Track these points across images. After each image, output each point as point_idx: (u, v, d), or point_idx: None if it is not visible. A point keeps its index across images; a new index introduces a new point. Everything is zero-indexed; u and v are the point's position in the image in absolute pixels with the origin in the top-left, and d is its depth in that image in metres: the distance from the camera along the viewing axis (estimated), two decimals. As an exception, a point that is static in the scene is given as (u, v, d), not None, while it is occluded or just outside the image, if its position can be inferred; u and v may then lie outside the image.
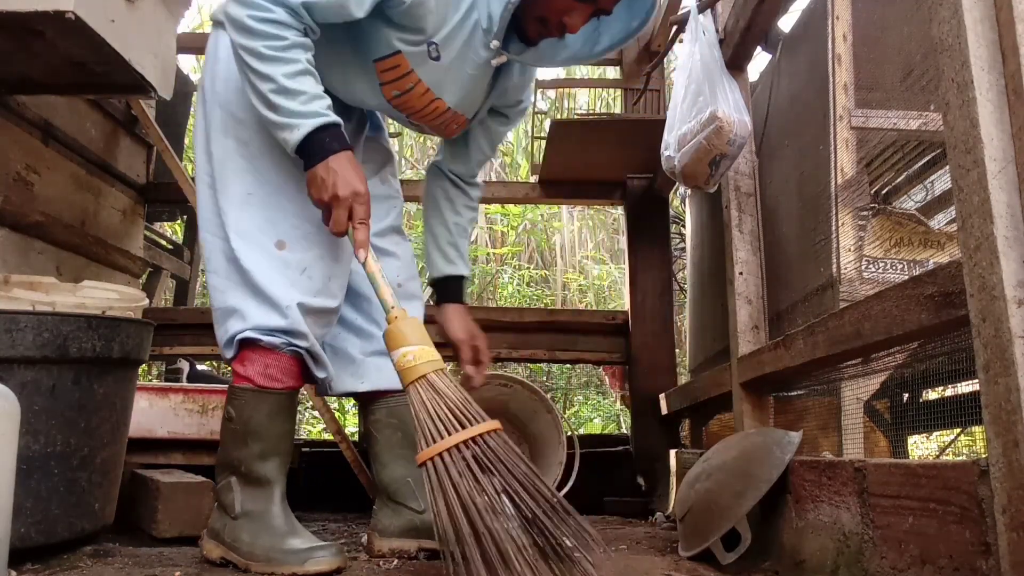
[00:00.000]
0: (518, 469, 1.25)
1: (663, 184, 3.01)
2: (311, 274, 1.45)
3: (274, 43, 1.32)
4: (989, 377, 0.87)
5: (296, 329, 1.43)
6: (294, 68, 1.33)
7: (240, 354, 1.45)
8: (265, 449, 1.44)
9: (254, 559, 1.38)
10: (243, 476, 1.45)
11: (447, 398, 1.30)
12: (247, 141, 1.46)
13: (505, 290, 6.50)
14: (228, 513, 1.44)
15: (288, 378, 1.46)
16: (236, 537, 1.42)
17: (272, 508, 1.44)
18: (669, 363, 3.00)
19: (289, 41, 1.33)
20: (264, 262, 1.42)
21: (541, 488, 1.24)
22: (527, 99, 1.70)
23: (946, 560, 0.95)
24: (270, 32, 1.32)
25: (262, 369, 1.44)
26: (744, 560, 1.42)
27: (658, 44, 3.24)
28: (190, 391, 2.32)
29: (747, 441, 1.63)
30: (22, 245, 2.36)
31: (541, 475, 1.27)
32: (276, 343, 1.43)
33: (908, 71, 1.69)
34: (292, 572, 1.34)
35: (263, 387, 1.44)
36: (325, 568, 1.35)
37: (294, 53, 1.34)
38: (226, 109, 1.48)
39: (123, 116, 3.01)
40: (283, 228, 1.45)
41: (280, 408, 1.46)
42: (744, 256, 1.98)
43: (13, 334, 1.44)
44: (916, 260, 1.86)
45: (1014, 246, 0.85)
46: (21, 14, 1.75)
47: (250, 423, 1.44)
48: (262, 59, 1.32)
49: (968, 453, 2.49)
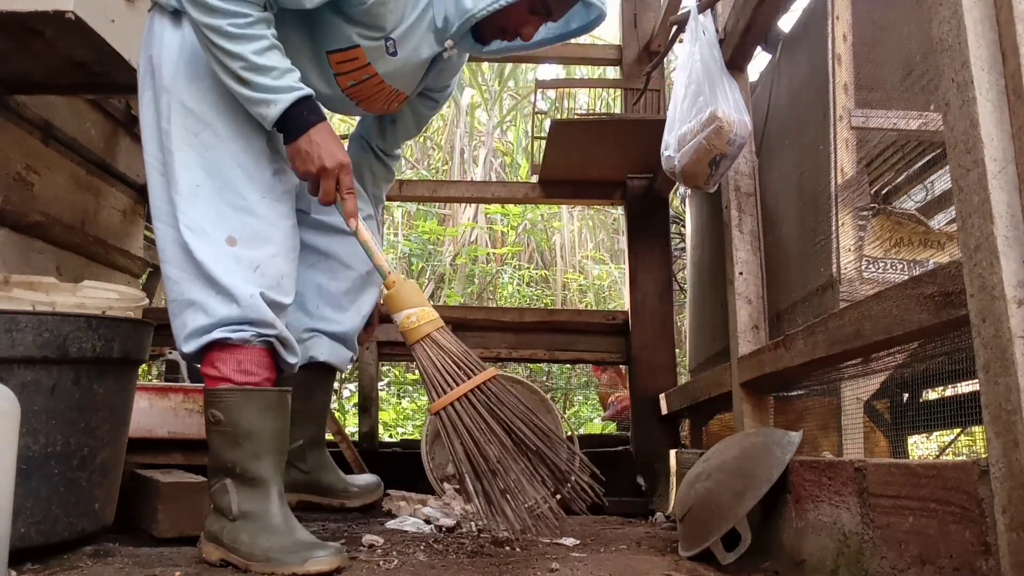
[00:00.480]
0: (518, 409, 1.44)
1: (663, 184, 3.01)
2: (263, 271, 1.43)
3: (238, 20, 1.32)
4: (989, 377, 0.87)
5: (262, 319, 1.42)
6: (261, 44, 1.34)
7: (208, 356, 1.44)
8: (258, 448, 1.43)
9: (254, 559, 1.37)
10: (238, 477, 1.44)
11: (450, 353, 1.43)
12: (197, 132, 1.43)
13: (505, 290, 6.50)
14: (225, 515, 1.44)
15: (263, 370, 1.45)
16: (235, 538, 1.41)
17: (270, 508, 1.43)
18: (669, 363, 3.00)
19: (253, 17, 1.34)
20: (217, 255, 1.40)
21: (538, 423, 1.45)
22: (453, 84, 1.81)
23: (946, 560, 0.95)
24: (232, 9, 1.32)
25: (236, 366, 1.43)
26: (744, 560, 1.42)
27: (658, 44, 3.25)
28: (190, 391, 2.31)
29: (747, 441, 1.63)
30: (22, 245, 2.35)
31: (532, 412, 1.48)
32: (246, 337, 1.42)
33: (908, 71, 1.69)
34: (292, 572, 1.34)
35: (243, 384, 1.43)
36: (325, 568, 1.34)
37: (258, 29, 1.35)
38: (175, 97, 1.44)
39: (123, 116, 3.01)
40: (233, 224, 1.42)
41: (269, 405, 1.45)
42: (744, 256, 1.98)
43: (13, 334, 1.44)
44: (916, 260, 1.86)
45: (1014, 246, 0.85)
46: (21, 14, 1.75)
47: (240, 423, 1.42)
48: (228, 37, 1.32)
49: (968, 453, 2.49)
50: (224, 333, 1.41)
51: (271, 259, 1.44)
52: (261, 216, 1.44)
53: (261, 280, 1.42)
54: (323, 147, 1.38)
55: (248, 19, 1.33)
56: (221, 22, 1.32)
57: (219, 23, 1.32)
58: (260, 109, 1.37)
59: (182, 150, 1.43)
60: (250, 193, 1.43)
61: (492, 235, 7.11)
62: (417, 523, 1.98)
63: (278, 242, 1.45)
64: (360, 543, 1.70)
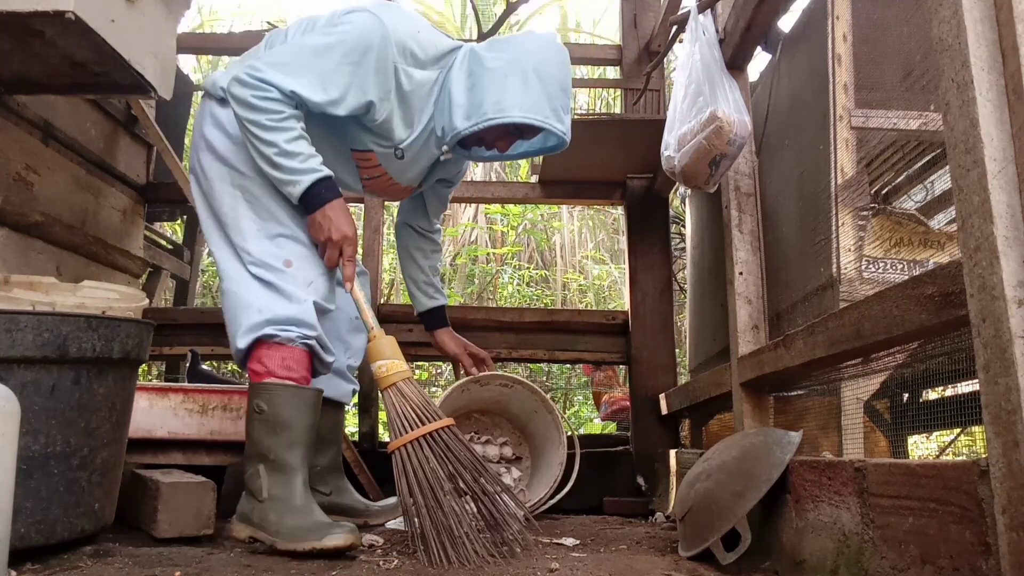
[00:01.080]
0: (465, 456, 1.62)
1: (663, 184, 3.01)
2: (316, 286, 1.71)
3: (274, 116, 1.62)
4: (989, 377, 0.87)
5: (308, 320, 1.66)
6: (291, 135, 1.64)
7: (255, 353, 1.67)
8: (292, 439, 1.65)
9: (280, 536, 1.58)
10: (271, 464, 1.65)
11: (412, 401, 1.65)
12: (247, 188, 1.74)
13: (505, 290, 6.50)
14: (256, 497, 1.64)
15: (302, 368, 1.68)
16: (264, 518, 1.62)
17: (295, 492, 1.64)
18: (669, 363, 3.00)
19: (286, 114, 1.63)
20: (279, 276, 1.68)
21: (483, 471, 1.63)
22: (463, 170, 2.17)
23: (946, 560, 0.95)
24: (270, 108, 1.62)
25: (280, 362, 1.66)
26: (744, 560, 1.42)
27: (658, 44, 3.25)
28: (190, 391, 2.32)
29: (747, 441, 1.63)
30: (22, 245, 2.36)
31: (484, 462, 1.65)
32: (291, 336, 1.65)
33: (908, 71, 1.69)
34: (311, 547, 1.54)
35: (285, 378, 1.65)
36: (341, 543, 1.54)
37: (290, 123, 1.64)
38: (228, 165, 1.75)
39: (123, 116, 3.01)
40: (289, 251, 1.71)
41: (306, 402, 1.68)
42: (744, 256, 1.98)
43: (13, 334, 1.44)
44: (916, 260, 1.86)
45: (1014, 246, 0.85)
46: (21, 14, 1.75)
47: (280, 414, 1.65)
48: (265, 129, 1.62)
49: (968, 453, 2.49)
50: (273, 330, 1.64)
51: (320, 277, 1.73)
52: (308, 244, 1.73)
53: (314, 292, 1.70)
54: (333, 221, 1.68)
55: (282, 115, 1.62)
56: (260, 117, 1.62)
57: (259, 118, 1.62)
58: (287, 188, 1.66)
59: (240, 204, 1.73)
60: (295, 228, 1.72)
61: (492, 235, 7.12)
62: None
63: (323, 266, 1.74)
64: (360, 543, 1.70)
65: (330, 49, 1.65)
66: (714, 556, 1.45)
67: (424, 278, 2.16)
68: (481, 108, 1.69)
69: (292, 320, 1.65)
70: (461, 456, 1.62)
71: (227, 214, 1.74)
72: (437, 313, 2.18)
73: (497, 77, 1.69)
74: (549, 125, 1.70)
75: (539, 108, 1.69)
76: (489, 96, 1.68)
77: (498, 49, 1.74)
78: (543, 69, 1.70)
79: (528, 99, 1.68)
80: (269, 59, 1.66)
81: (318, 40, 1.67)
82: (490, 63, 1.71)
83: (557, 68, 1.73)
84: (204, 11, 8.33)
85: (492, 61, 1.71)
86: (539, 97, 1.69)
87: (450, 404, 2.28)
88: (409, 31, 1.71)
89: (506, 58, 1.71)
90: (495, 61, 1.71)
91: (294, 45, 1.70)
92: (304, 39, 1.71)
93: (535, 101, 1.69)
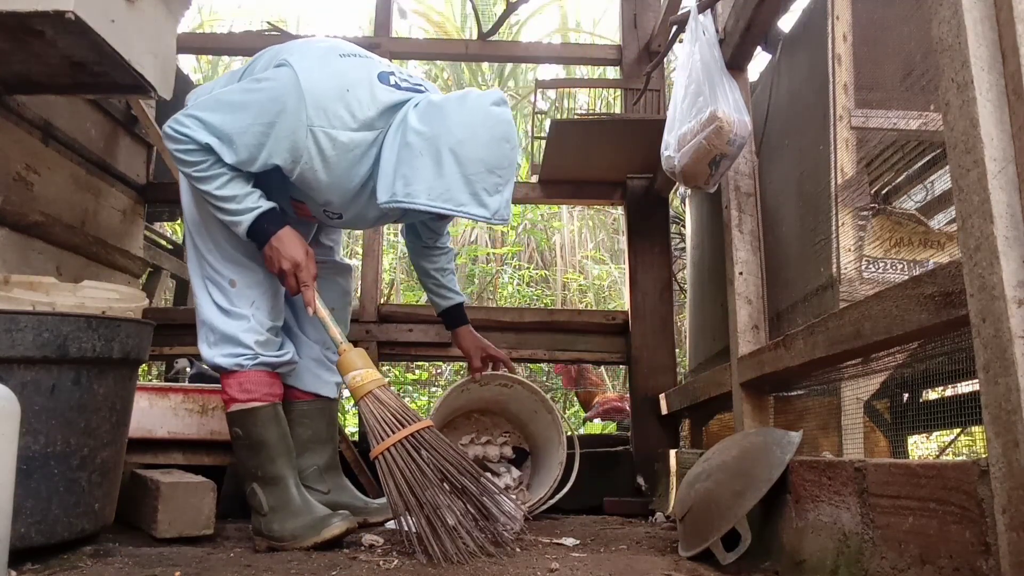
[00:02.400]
0: (449, 453, 1.66)
1: (663, 184, 3.01)
2: (259, 304, 1.81)
3: (200, 167, 1.67)
4: (989, 377, 0.87)
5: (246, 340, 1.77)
6: (221, 181, 1.68)
7: (222, 379, 1.81)
8: (271, 453, 1.78)
9: (285, 540, 1.71)
10: (261, 480, 1.78)
11: (388, 406, 1.69)
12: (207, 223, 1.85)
13: (505, 290, 6.50)
14: (260, 512, 1.77)
15: (261, 385, 1.80)
16: (271, 528, 1.74)
17: (291, 497, 1.76)
18: (669, 363, 3.00)
19: (210, 161, 1.67)
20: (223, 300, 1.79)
21: (467, 466, 1.67)
22: None
23: (946, 560, 0.95)
24: (195, 160, 1.67)
25: (238, 388, 1.78)
26: (744, 560, 1.42)
27: (658, 44, 3.25)
28: (190, 391, 2.32)
29: (747, 441, 1.63)
30: (22, 245, 2.36)
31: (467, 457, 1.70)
32: (239, 362, 1.78)
33: (908, 71, 1.69)
34: (313, 542, 1.67)
35: (246, 401, 1.78)
36: (337, 532, 1.68)
37: (216, 169, 1.67)
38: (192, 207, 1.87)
39: (123, 116, 3.01)
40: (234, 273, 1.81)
41: (268, 418, 1.80)
42: (744, 256, 1.98)
43: (13, 334, 1.44)
44: (916, 260, 1.86)
45: (1014, 246, 0.85)
46: (21, 14, 1.75)
47: (252, 435, 1.78)
48: (197, 180, 1.69)
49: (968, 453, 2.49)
50: (222, 360, 1.78)
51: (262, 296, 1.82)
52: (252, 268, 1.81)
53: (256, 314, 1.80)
54: (282, 251, 1.71)
55: (206, 163, 1.67)
56: (189, 170, 1.69)
57: (188, 171, 1.69)
58: (234, 228, 1.73)
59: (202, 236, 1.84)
60: (243, 257, 1.81)
61: (492, 235, 7.12)
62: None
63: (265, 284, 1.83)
64: (360, 543, 1.71)
65: (245, 107, 1.65)
66: (714, 556, 1.45)
67: (434, 282, 2.18)
68: (393, 188, 1.63)
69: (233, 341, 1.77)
70: (446, 454, 1.64)
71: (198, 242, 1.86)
72: (453, 312, 2.19)
73: (412, 156, 1.61)
74: (461, 213, 1.61)
75: (450, 195, 1.59)
76: (400, 176, 1.62)
77: (425, 120, 1.63)
78: (462, 150, 1.59)
79: (439, 185, 1.59)
80: (193, 110, 1.68)
81: (235, 97, 1.67)
82: (411, 136, 1.62)
83: (484, 147, 1.61)
84: (204, 11, 8.35)
85: (412, 135, 1.62)
86: (453, 181, 1.59)
87: (449, 404, 2.28)
88: (335, 92, 1.63)
89: (428, 133, 1.61)
90: (415, 136, 1.62)
91: (217, 96, 1.70)
92: (226, 91, 1.71)
93: (447, 187, 1.59)
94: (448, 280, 2.19)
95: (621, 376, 6.02)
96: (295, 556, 1.60)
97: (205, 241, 1.82)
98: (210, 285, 1.81)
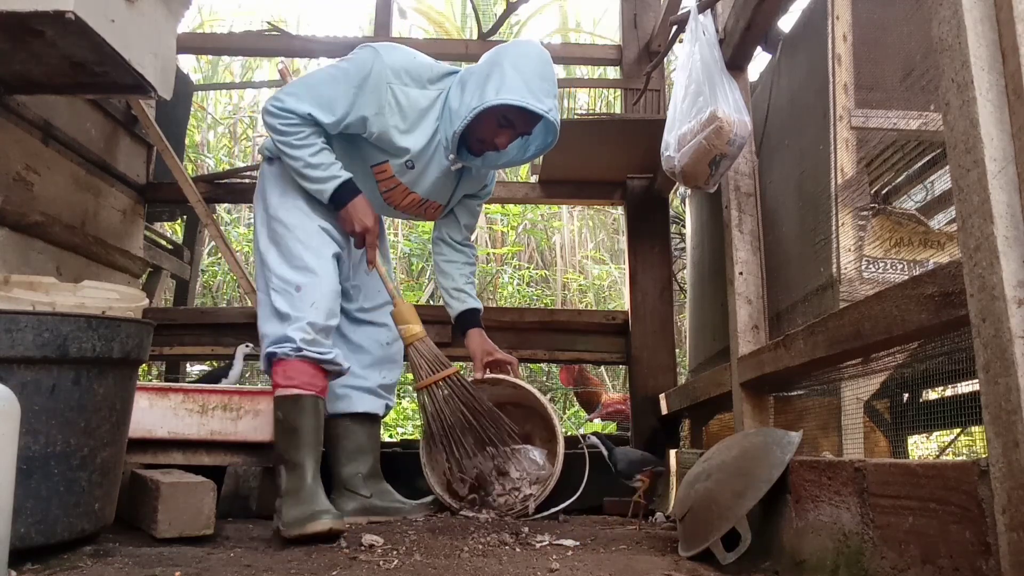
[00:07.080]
0: (465, 395, 2.14)
1: (663, 184, 3.01)
2: (318, 305, 2.00)
3: (298, 136, 1.99)
4: (989, 377, 0.87)
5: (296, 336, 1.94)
6: (314, 149, 2.00)
7: (272, 367, 1.99)
8: (299, 440, 1.94)
9: (285, 525, 1.81)
10: (286, 463, 1.94)
11: (426, 355, 2.16)
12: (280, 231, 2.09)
13: (505, 290, 6.50)
14: (279, 494, 1.91)
15: (304, 375, 1.96)
16: (281, 511, 1.86)
17: (305, 485, 1.88)
18: (669, 363, 3.00)
19: (307, 132, 1.99)
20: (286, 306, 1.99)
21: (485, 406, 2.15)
22: (490, 183, 2.39)
23: (946, 560, 0.95)
24: (294, 130, 1.99)
25: (283, 375, 1.96)
26: (744, 560, 1.42)
27: (658, 44, 3.25)
28: (190, 391, 2.32)
29: (747, 441, 1.63)
30: (22, 245, 2.36)
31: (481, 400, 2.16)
32: (286, 351, 1.95)
33: (908, 71, 1.69)
34: (298, 533, 1.75)
35: (287, 387, 1.95)
36: (320, 529, 1.74)
37: (311, 139, 2.00)
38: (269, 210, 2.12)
39: (123, 116, 3.01)
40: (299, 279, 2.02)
41: (305, 408, 1.96)
42: (744, 256, 1.98)
43: (13, 334, 1.44)
44: (916, 260, 1.86)
45: (1014, 246, 0.85)
46: (21, 14, 1.75)
47: (288, 420, 1.95)
48: (293, 147, 1.99)
49: (968, 453, 2.49)
50: (274, 348, 1.97)
51: (322, 298, 2.02)
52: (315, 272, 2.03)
53: (315, 311, 1.99)
54: (354, 216, 2.05)
55: (303, 134, 1.99)
56: (288, 139, 1.99)
57: (287, 139, 1.99)
58: (318, 193, 2.04)
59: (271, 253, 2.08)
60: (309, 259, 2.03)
61: (492, 235, 7.11)
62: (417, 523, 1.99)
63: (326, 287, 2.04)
64: (360, 543, 1.71)
65: (335, 79, 2.00)
66: (714, 556, 1.45)
67: (454, 285, 2.38)
68: (469, 105, 1.93)
69: (285, 337, 1.96)
70: (463, 396, 2.14)
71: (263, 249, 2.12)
72: (466, 315, 2.37)
73: (479, 76, 1.95)
74: (527, 104, 1.90)
75: (516, 91, 1.90)
76: (473, 93, 1.93)
77: (482, 60, 2.01)
78: (519, 63, 1.94)
79: (505, 85, 1.90)
80: (288, 90, 2.01)
81: (325, 74, 2.03)
82: (474, 69, 2.00)
83: (535, 61, 1.97)
84: (204, 11, 8.34)
85: (475, 67, 2.00)
86: (515, 83, 1.91)
87: None
88: (404, 59, 2.02)
89: (486, 60, 1.99)
90: (478, 67, 1.99)
91: (305, 79, 2.05)
92: (313, 74, 2.06)
93: (512, 86, 1.90)
94: (468, 286, 2.39)
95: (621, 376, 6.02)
96: (295, 556, 1.60)
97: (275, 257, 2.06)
98: (275, 295, 2.02)
